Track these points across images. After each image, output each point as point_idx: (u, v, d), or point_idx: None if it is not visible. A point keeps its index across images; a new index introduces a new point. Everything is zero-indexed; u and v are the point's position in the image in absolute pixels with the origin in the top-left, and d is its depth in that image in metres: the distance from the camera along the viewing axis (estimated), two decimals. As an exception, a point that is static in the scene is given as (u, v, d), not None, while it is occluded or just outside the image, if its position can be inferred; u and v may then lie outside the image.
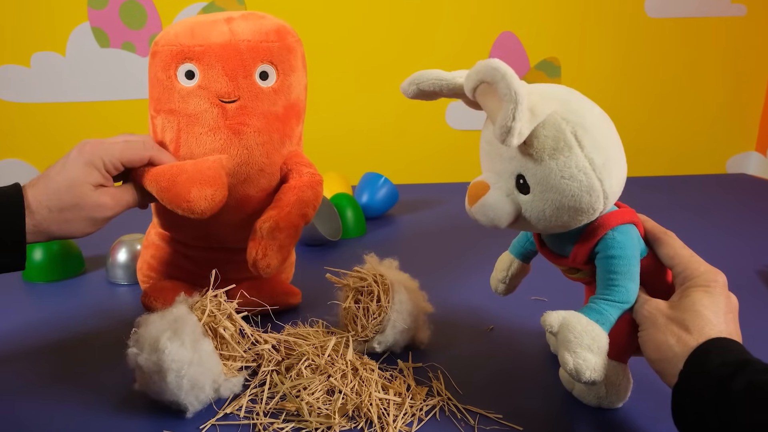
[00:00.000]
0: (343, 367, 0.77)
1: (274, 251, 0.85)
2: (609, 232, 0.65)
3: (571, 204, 0.61)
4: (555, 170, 0.60)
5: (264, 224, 0.85)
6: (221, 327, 0.74)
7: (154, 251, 0.99)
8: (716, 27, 2.15)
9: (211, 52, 0.84)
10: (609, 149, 0.61)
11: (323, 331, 0.88)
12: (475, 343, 0.89)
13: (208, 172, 0.81)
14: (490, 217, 0.66)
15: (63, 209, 0.75)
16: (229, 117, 0.86)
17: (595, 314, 0.63)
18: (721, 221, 1.50)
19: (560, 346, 0.62)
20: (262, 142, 0.88)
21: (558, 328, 0.63)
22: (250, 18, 0.88)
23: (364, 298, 0.84)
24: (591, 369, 0.60)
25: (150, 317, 0.72)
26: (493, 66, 0.56)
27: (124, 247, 1.15)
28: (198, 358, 0.69)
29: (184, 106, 0.85)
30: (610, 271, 0.65)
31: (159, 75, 0.86)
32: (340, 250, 1.32)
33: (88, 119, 2.07)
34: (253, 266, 0.85)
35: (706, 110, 2.22)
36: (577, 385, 0.74)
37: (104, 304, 1.06)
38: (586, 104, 0.63)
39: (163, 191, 0.80)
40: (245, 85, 0.86)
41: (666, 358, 0.60)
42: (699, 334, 0.59)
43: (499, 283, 0.85)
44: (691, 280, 0.63)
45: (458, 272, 1.17)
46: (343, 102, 2.16)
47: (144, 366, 0.69)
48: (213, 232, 0.93)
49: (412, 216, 1.61)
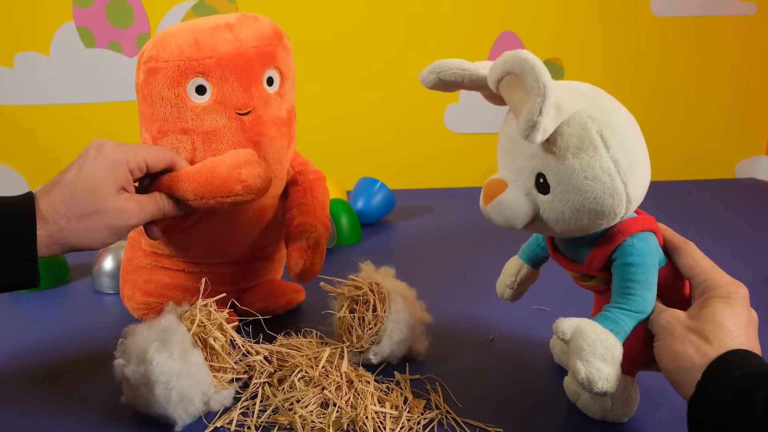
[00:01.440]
0: (337, 379, 0.77)
1: (319, 258, 0.91)
2: (628, 238, 0.65)
3: (592, 206, 0.61)
4: (578, 170, 0.60)
5: (311, 234, 0.90)
6: (211, 337, 0.74)
7: (148, 275, 0.96)
8: (725, 26, 2.15)
9: (224, 63, 0.83)
10: (635, 152, 0.61)
11: (317, 341, 0.88)
12: (475, 354, 0.89)
13: (247, 157, 0.82)
14: (507, 216, 0.65)
15: (82, 216, 0.71)
16: (247, 129, 0.86)
17: (610, 323, 0.63)
18: (729, 227, 1.51)
19: (572, 354, 0.62)
20: (275, 149, 0.89)
21: (571, 335, 0.62)
22: (247, 22, 0.87)
23: (359, 308, 0.84)
24: (604, 379, 0.60)
25: (137, 327, 0.73)
26: (522, 57, 0.56)
27: (110, 254, 1.15)
28: (187, 370, 0.69)
29: (200, 123, 0.84)
30: (627, 279, 0.65)
31: (165, 94, 0.83)
32: (335, 258, 1.32)
33: (74, 122, 2.07)
34: (299, 275, 0.89)
35: (714, 112, 2.22)
36: (582, 397, 0.74)
37: (90, 313, 1.06)
38: (613, 104, 0.63)
39: (204, 185, 0.79)
40: (257, 94, 0.86)
41: (684, 368, 0.59)
42: (719, 344, 0.58)
43: (506, 288, 0.84)
44: (712, 291, 0.63)
45: (457, 281, 1.17)
46: (337, 104, 2.16)
47: (131, 378, 0.69)
48: (227, 248, 0.94)
49: (410, 222, 1.61)
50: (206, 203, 0.80)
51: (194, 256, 0.94)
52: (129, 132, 0.97)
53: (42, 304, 1.10)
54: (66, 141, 2.09)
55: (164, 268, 0.96)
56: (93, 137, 0.77)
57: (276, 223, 0.96)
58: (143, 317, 0.96)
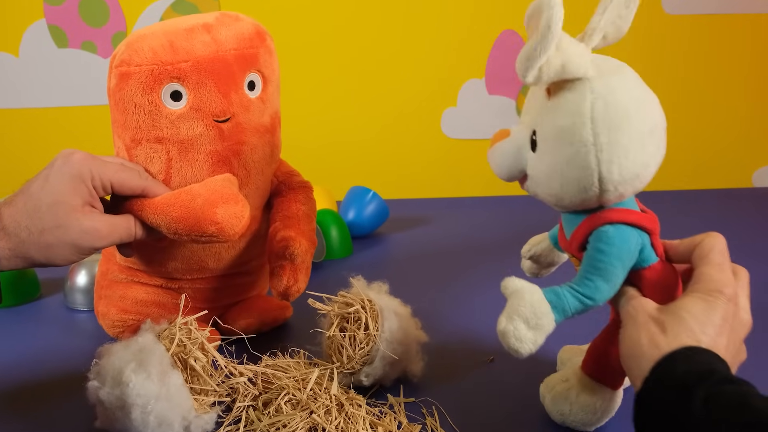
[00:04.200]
0: (327, 403, 0.77)
1: (303, 274, 0.91)
2: (605, 225, 0.67)
3: (563, 172, 0.65)
4: (559, 132, 0.65)
5: (294, 250, 0.89)
6: (192, 358, 0.74)
7: (123, 291, 0.96)
8: (741, 25, 2.15)
9: (201, 68, 0.83)
10: (624, 134, 0.63)
11: (305, 362, 0.88)
12: (474, 375, 0.90)
13: (225, 191, 0.81)
14: (497, 164, 0.73)
15: (44, 231, 0.71)
16: (226, 138, 0.86)
17: (552, 295, 0.67)
18: (746, 241, 1.51)
19: (503, 311, 0.67)
20: (257, 158, 0.89)
21: (510, 292, 0.67)
22: (226, 22, 0.87)
23: (350, 326, 0.84)
24: (517, 338, 0.65)
25: (112, 347, 0.73)
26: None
27: (84, 269, 1.15)
28: (166, 393, 0.69)
29: (175, 132, 0.84)
30: (588, 263, 0.68)
31: (137, 100, 0.83)
32: (324, 273, 1.32)
33: (45, 127, 2.07)
34: (283, 293, 0.90)
35: (729, 116, 2.23)
36: (546, 399, 0.77)
37: (62, 332, 1.06)
38: (628, 84, 0.66)
39: (179, 221, 0.79)
40: (237, 100, 0.86)
41: (635, 355, 0.61)
42: (674, 338, 0.60)
43: (523, 258, 0.90)
44: (697, 285, 0.64)
45: (455, 297, 1.18)
46: (326, 108, 2.16)
47: (106, 401, 0.69)
48: (205, 263, 0.94)
49: (404, 235, 1.62)
50: (180, 238, 0.80)
51: (172, 272, 0.94)
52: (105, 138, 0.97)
53: (10, 322, 1.10)
54: (37, 147, 2.08)
55: (141, 283, 0.96)
56: (66, 144, 0.77)
57: (259, 236, 0.96)
58: (119, 336, 0.96)
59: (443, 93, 2.15)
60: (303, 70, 2.10)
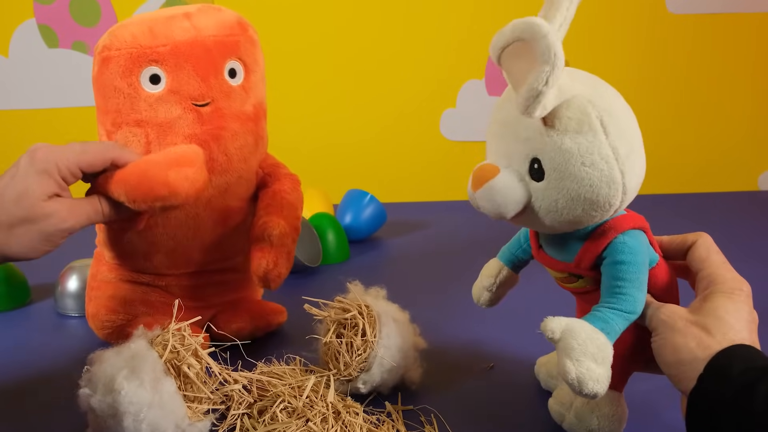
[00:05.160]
0: (323, 410, 0.77)
1: (284, 259, 0.90)
2: (619, 236, 0.66)
3: (588, 195, 0.62)
4: (575, 155, 0.61)
5: (273, 231, 0.89)
6: (185, 364, 0.74)
7: (112, 291, 0.97)
8: (747, 24, 2.16)
9: (179, 51, 0.85)
10: (633, 141, 0.63)
11: (301, 369, 0.88)
12: (474, 382, 0.90)
13: (183, 155, 0.82)
14: (498, 203, 0.66)
15: (12, 225, 0.74)
16: (206, 122, 0.88)
17: (601, 323, 0.64)
18: (751, 246, 1.51)
19: (561, 354, 0.63)
20: (239, 146, 0.90)
21: (560, 334, 0.63)
22: (208, 11, 0.90)
23: (347, 332, 0.84)
24: (594, 380, 0.61)
25: (104, 353, 0.73)
26: (536, 23, 0.57)
27: (75, 273, 1.15)
28: (159, 400, 0.69)
29: (153, 114, 0.86)
30: (617, 278, 0.66)
31: (117, 83, 0.86)
32: (321, 278, 1.32)
33: (35, 129, 2.07)
34: (263, 278, 0.89)
35: (734, 118, 2.23)
36: (567, 418, 0.75)
37: (52, 338, 1.06)
38: (612, 91, 0.65)
39: (135, 189, 0.79)
40: (216, 85, 0.88)
41: (685, 360, 0.62)
42: (722, 338, 0.61)
43: (484, 290, 0.84)
44: (715, 286, 0.66)
45: (454, 302, 1.18)
46: (323, 109, 2.17)
47: (97, 409, 0.69)
48: (191, 255, 0.94)
49: (402, 239, 1.62)
50: (140, 207, 0.80)
51: (157, 266, 0.95)
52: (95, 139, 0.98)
53: (0, 328, 1.10)
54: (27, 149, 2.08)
55: (129, 282, 0.97)
56: (58, 144, 0.78)
57: (245, 228, 0.96)
58: (108, 337, 0.96)
59: (442, 94, 2.16)
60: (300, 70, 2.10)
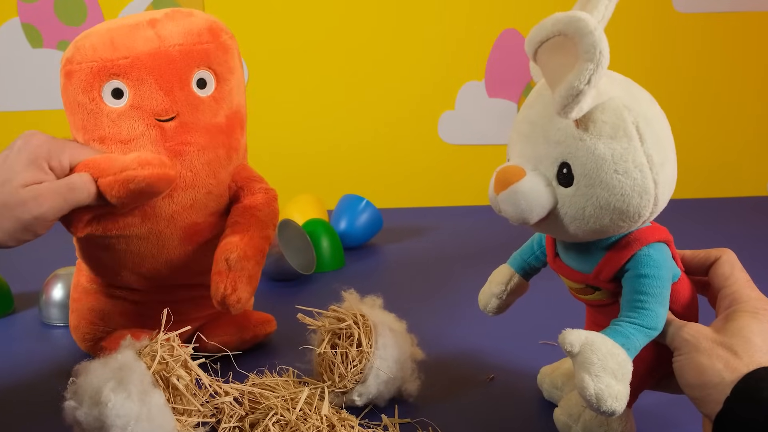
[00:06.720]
0: (317, 424, 0.77)
1: (244, 283, 0.87)
2: (644, 248, 0.66)
3: (618, 204, 0.62)
4: (609, 161, 0.61)
5: (230, 254, 0.87)
6: (174, 376, 0.74)
7: (93, 302, 0.98)
8: (755, 23, 2.16)
9: (140, 64, 0.85)
10: (667, 150, 0.63)
11: (294, 381, 0.88)
12: (473, 394, 0.90)
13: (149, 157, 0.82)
14: (522, 208, 0.65)
15: None
16: (169, 138, 0.87)
17: (622, 338, 0.64)
18: (761, 252, 1.52)
19: (579, 369, 0.62)
20: (207, 160, 0.89)
21: (580, 348, 0.62)
22: (176, 17, 0.89)
23: (342, 343, 0.85)
24: (613, 397, 0.60)
25: (90, 365, 0.73)
26: (581, 17, 0.56)
27: (59, 282, 1.15)
28: (147, 413, 0.69)
29: (116, 131, 0.86)
30: (640, 291, 0.65)
31: (80, 98, 0.86)
32: (315, 286, 1.33)
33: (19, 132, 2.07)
34: (221, 303, 0.87)
35: (743, 120, 2.24)
36: (574, 430, 0.75)
37: (37, 348, 1.06)
38: (648, 96, 0.65)
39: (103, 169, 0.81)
40: (182, 98, 0.87)
41: (711, 383, 0.61)
42: (749, 360, 0.60)
43: (492, 297, 0.84)
44: (738, 305, 0.66)
45: (452, 311, 1.18)
46: (317, 112, 2.17)
47: (84, 422, 0.69)
48: (161, 271, 0.94)
49: (399, 246, 1.62)
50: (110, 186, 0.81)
51: (128, 281, 0.95)
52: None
53: (-19, 339, 1.10)
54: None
55: (107, 295, 0.98)
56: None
57: (216, 245, 0.96)
58: (90, 349, 0.96)
59: (441, 96, 2.16)
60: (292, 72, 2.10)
